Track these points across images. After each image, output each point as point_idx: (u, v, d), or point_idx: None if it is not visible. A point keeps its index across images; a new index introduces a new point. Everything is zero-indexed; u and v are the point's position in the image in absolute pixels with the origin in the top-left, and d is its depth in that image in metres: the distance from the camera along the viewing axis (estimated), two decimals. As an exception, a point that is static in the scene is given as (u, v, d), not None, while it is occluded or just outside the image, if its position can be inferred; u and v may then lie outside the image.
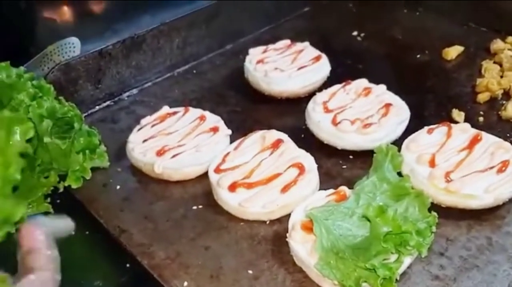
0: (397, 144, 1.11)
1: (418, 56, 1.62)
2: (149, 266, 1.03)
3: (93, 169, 1.17)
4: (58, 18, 1.53)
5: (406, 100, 1.32)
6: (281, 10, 1.85)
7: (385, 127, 1.23)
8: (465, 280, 0.97)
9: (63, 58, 1.47)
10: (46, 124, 1.07)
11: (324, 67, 1.48)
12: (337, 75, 1.48)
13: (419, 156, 1.14)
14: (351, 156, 1.25)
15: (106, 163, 1.22)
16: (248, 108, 1.45)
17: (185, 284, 0.99)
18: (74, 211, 1.17)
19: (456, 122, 1.32)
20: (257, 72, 1.46)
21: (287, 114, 1.41)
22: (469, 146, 1.15)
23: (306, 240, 0.97)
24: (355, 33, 1.76)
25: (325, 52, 1.52)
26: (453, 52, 1.59)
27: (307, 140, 1.29)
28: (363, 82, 1.37)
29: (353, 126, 1.23)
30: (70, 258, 1.08)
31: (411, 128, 1.25)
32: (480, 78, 1.46)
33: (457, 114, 1.35)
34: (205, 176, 1.19)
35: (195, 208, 1.15)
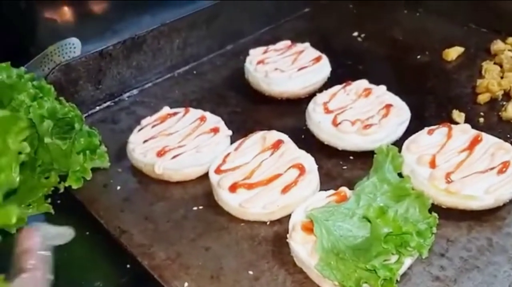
0: (397, 145, 1.11)
1: (418, 57, 1.62)
2: (149, 266, 1.03)
3: (93, 169, 1.18)
4: (58, 18, 1.53)
5: (406, 101, 1.31)
6: (281, 10, 1.85)
7: (385, 128, 1.23)
8: (466, 281, 0.97)
9: (63, 59, 1.47)
10: (46, 125, 1.07)
11: (324, 68, 1.48)
12: (337, 76, 1.48)
13: (419, 157, 1.14)
14: (351, 157, 1.25)
15: (106, 163, 1.22)
16: (248, 109, 1.45)
17: (186, 284, 0.99)
18: (74, 211, 1.18)
19: (456, 123, 1.31)
20: (258, 73, 1.46)
21: (288, 114, 1.41)
22: (469, 147, 1.15)
23: (306, 241, 0.97)
24: (356, 34, 1.75)
25: (325, 53, 1.52)
26: (453, 53, 1.59)
27: (307, 140, 1.29)
28: (363, 83, 1.37)
29: (354, 127, 1.23)
30: (70, 258, 1.09)
31: (411, 129, 1.25)
32: (480, 79, 1.46)
33: (457, 115, 1.35)
34: (205, 176, 1.19)
35: (195, 208, 1.15)
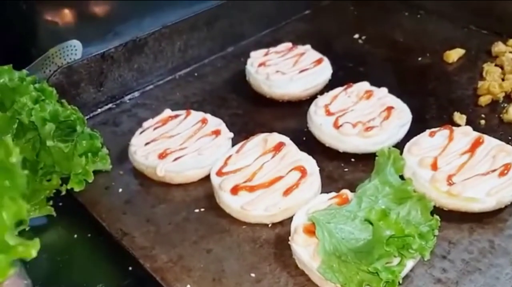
0: (398, 147, 1.11)
1: (419, 59, 1.61)
2: (151, 269, 1.03)
3: (95, 172, 1.17)
4: (59, 20, 1.53)
5: (407, 103, 1.31)
6: (282, 12, 1.85)
7: (387, 130, 1.23)
8: (468, 283, 0.97)
9: (64, 61, 1.47)
10: (49, 128, 1.07)
11: (325, 70, 1.48)
12: (338, 78, 1.48)
13: (421, 159, 1.14)
14: (353, 159, 1.25)
15: (108, 166, 1.22)
16: (249, 111, 1.45)
17: (188, 287, 0.99)
18: (76, 214, 1.18)
19: (457, 125, 1.31)
20: (259, 75, 1.46)
21: (289, 117, 1.41)
22: (471, 149, 1.15)
23: (308, 243, 0.97)
24: (356, 36, 1.75)
25: (326, 55, 1.52)
26: (454, 55, 1.59)
27: (308, 143, 1.29)
28: (364, 85, 1.37)
29: (355, 129, 1.23)
30: (72, 261, 1.09)
31: (412, 131, 1.25)
32: (481, 81, 1.45)
33: (458, 117, 1.35)
34: (207, 179, 1.19)
35: (197, 211, 1.15)
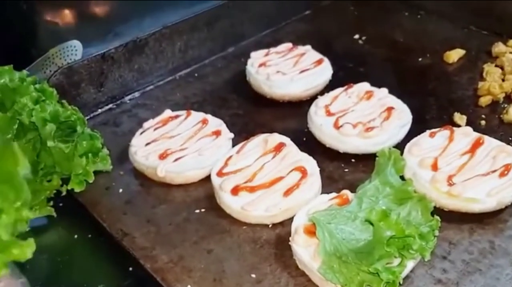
0: (399, 148, 1.11)
1: (419, 59, 1.62)
2: (152, 269, 1.03)
3: (95, 172, 1.18)
4: (59, 21, 1.53)
5: (408, 104, 1.31)
6: (282, 13, 1.85)
7: (387, 131, 1.23)
8: (468, 284, 0.97)
9: (65, 61, 1.47)
10: (49, 128, 1.07)
11: (326, 71, 1.48)
12: (338, 79, 1.48)
13: (421, 159, 1.14)
14: (353, 160, 1.25)
15: (108, 166, 1.22)
16: (250, 112, 1.45)
17: (188, 287, 0.99)
18: (76, 214, 1.18)
19: (458, 125, 1.31)
20: (259, 75, 1.46)
21: (289, 117, 1.41)
22: (471, 149, 1.15)
23: (309, 244, 0.97)
24: (357, 36, 1.75)
25: (326, 55, 1.52)
26: (454, 55, 1.59)
27: (309, 143, 1.29)
28: (365, 86, 1.37)
29: (355, 130, 1.23)
30: (72, 261, 1.09)
31: (413, 132, 1.25)
32: (481, 82, 1.45)
33: (459, 117, 1.35)
34: (207, 179, 1.19)
35: (197, 211, 1.16)
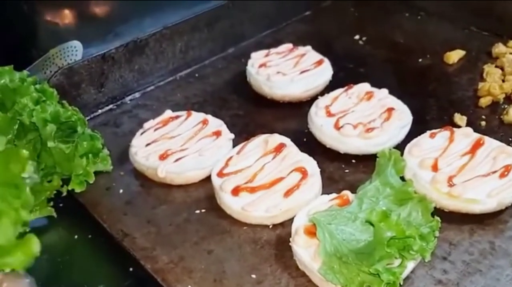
0: (399, 149, 1.11)
1: (420, 60, 1.62)
2: (152, 270, 1.03)
3: (96, 173, 1.18)
4: (60, 21, 1.53)
5: (408, 104, 1.31)
6: (283, 13, 1.85)
7: (387, 132, 1.23)
8: (468, 285, 0.97)
9: (65, 62, 1.47)
10: (50, 129, 1.07)
11: (326, 71, 1.48)
12: (339, 79, 1.48)
13: (421, 160, 1.14)
14: (353, 160, 1.25)
15: (109, 167, 1.22)
16: (250, 112, 1.45)
17: (188, 288, 0.99)
18: (77, 215, 1.18)
19: (458, 126, 1.31)
20: (260, 76, 1.46)
21: (290, 118, 1.41)
22: (471, 150, 1.15)
23: (309, 244, 0.98)
24: (357, 37, 1.75)
25: (326, 56, 1.52)
26: (454, 56, 1.59)
27: (309, 144, 1.29)
28: (365, 86, 1.37)
29: (356, 131, 1.23)
30: (72, 261, 1.09)
31: (413, 133, 1.25)
32: (482, 82, 1.45)
33: (459, 118, 1.35)
34: (208, 180, 1.19)
35: (198, 212, 1.16)
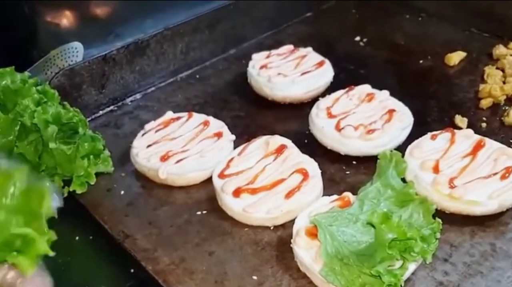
0: (400, 150, 1.10)
1: (420, 61, 1.62)
2: (153, 271, 1.03)
3: (97, 174, 1.18)
4: (61, 22, 1.53)
5: (409, 106, 1.31)
6: (284, 15, 1.85)
7: (388, 133, 1.23)
8: (469, 286, 0.97)
9: (66, 63, 1.48)
10: (51, 130, 1.07)
11: (327, 73, 1.48)
12: (340, 81, 1.48)
13: (422, 162, 1.14)
14: (354, 162, 1.25)
15: (110, 168, 1.22)
16: (251, 113, 1.45)
17: (190, 289, 0.99)
18: (78, 216, 1.18)
19: (459, 128, 1.31)
20: (261, 77, 1.46)
21: (291, 119, 1.41)
22: (472, 152, 1.15)
23: (310, 246, 0.98)
24: (358, 39, 1.76)
25: (327, 57, 1.52)
26: (455, 57, 1.59)
27: (310, 145, 1.29)
28: (366, 88, 1.37)
29: (357, 132, 1.23)
30: (73, 263, 1.09)
31: (414, 134, 1.25)
32: (482, 84, 1.46)
33: (460, 120, 1.35)
34: (209, 181, 1.19)
35: (199, 213, 1.16)
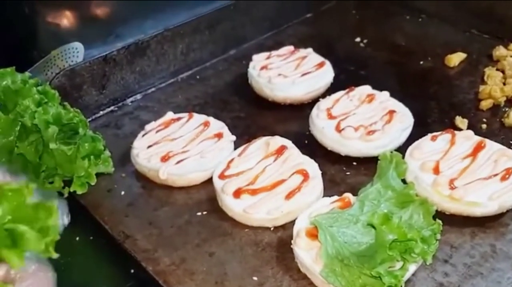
0: (400, 151, 1.10)
1: (421, 62, 1.62)
2: (154, 272, 1.03)
3: (97, 174, 1.18)
4: (61, 22, 1.54)
5: (409, 107, 1.31)
6: (284, 16, 1.85)
7: (388, 134, 1.23)
8: (470, 288, 0.97)
9: (66, 63, 1.48)
10: (52, 131, 1.07)
11: (327, 74, 1.48)
12: (340, 82, 1.48)
13: (423, 163, 1.14)
14: (355, 163, 1.25)
15: (110, 168, 1.22)
16: (251, 114, 1.45)
17: (190, 290, 0.99)
18: (78, 216, 1.18)
19: (459, 129, 1.31)
20: (261, 78, 1.46)
21: (291, 120, 1.41)
22: (472, 153, 1.15)
23: (311, 247, 0.98)
24: (358, 40, 1.76)
25: (327, 58, 1.52)
26: (455, 58, 1.59)
27: (310, 146, 1.29)
28: (366, 89, 1.37)
29: (357, 133, 1.23)
30: (74, 263, 1.09)
31: (414, 135, 1.25)
32: (483, 85, 1.46)
33: (460, 121, 1.35)
34: (209, 182, 1.19)
35: (199, 214, 1.16)
